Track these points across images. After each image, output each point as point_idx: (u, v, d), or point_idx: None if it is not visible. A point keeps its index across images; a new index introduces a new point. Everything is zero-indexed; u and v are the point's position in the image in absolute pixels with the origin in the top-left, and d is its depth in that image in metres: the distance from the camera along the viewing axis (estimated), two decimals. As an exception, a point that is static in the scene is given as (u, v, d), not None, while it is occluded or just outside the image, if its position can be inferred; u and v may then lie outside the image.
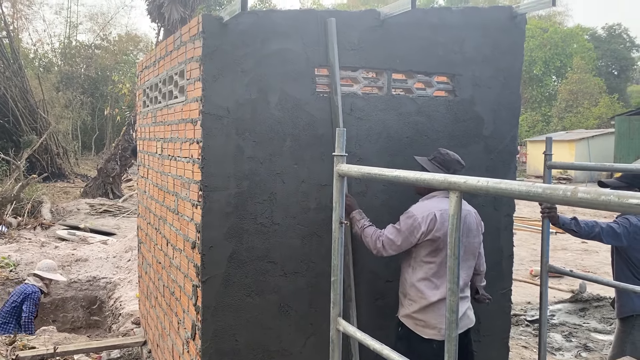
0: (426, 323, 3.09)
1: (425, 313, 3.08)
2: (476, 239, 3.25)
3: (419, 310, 3.10)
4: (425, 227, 3.02)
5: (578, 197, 1.39)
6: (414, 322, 3.14)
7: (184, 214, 3.59)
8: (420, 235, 3.04)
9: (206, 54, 3.10)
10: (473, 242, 3.22)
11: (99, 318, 7.84)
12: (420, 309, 3.09)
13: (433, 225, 3.02)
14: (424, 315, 3.09)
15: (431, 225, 3.02)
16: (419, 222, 3.04)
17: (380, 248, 3.12)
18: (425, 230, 3.03)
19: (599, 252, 10.49)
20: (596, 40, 44.85)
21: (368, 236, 3.18)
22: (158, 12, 19.00)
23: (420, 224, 3.03)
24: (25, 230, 11.72)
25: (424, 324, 3.10)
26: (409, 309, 3.16)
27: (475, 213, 3.29)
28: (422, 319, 3.10)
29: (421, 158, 3.32)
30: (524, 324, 6.50)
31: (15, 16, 30.10)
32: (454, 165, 3.25)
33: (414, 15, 3.49)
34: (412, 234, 3.05)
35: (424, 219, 3.04)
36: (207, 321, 3.22)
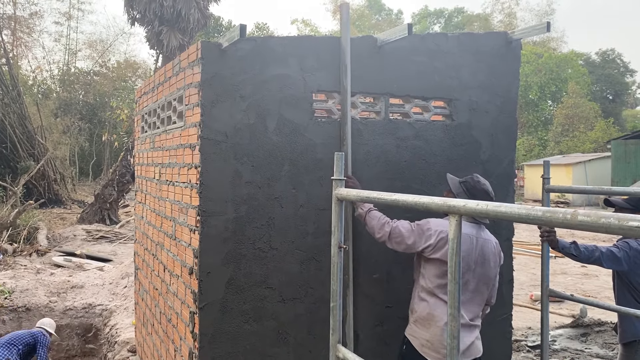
0: (432, 345, 3.02)
1: (433, 336, 3.01)
2: (493, 270, 3.15)
3: (425, 332, 3.04)
4: (435, 241, 2.98)
5: (578, 220, 1.39)
6: (419, 342, 3.07)
7: (181, 239, 3.56)
8: (427, 247, 2.99)
9: (205, 80, 3.12)
10: (488, 273, 3.14)
11: (94, 346, 7.72)
12: (426, 329, 3.03)
13: (443, 244, 2.96)
14: (430, 337, 3.02)
15: (441, 244, 2.97)
16: (431, 233, 3.00)
17: (386, 234, 3.04)
18: (434, 244, 2.98)
19: (599, 276, 10.43)
20: (590, 66, 45.39)
21: (375, 219, 3.10)
22: (157, 39, 19.21)
23: (431, 236, 2.99)
24: (21, 256, 11.63)
25: (429, 346, 3.02)
26: (415, 326, 3.10)
27: (496, 243, 3.20)
28: (429, 341, 3.03)
29: (453, 178, 3.27)
30: (525, 349, 6.42)
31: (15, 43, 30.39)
32: (481, 196, 3.13)
33: (410, 41, 3.53)
34: (420, 239, 3.00)
35: (436, 233, 2.99)
36: (204, 349, 3.17)
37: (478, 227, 3.14)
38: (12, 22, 29.27)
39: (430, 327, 3.03)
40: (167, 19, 18.81)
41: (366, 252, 3.44)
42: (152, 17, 18.93)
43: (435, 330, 3.01)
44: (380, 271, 3.51)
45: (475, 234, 3.09)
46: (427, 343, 3.04)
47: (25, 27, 32.35)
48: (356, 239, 3.36)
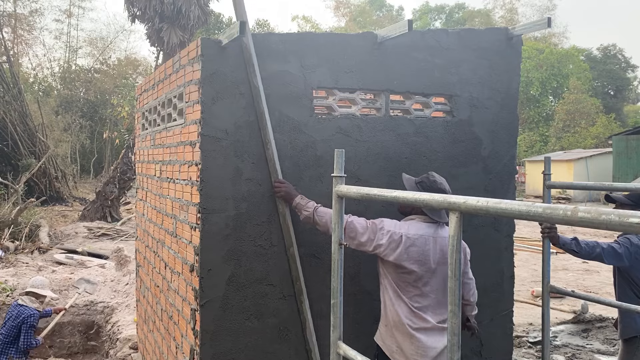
0: (402, 352, 2.94)
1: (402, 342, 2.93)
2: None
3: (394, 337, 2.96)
4: (387, 241, 2.88)
5: (578, 217, 1.38)
6: (389, 348, 2.98)
7: (182, 236, 3.57)
8: (378, 247, 2.88)
9: (205, 77, 3.12)
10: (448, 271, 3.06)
11: (96, 343, 7.73)
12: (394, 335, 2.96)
13: (395, 247, 2.88)
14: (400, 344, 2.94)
15: (393, 245, 2.88)
16: (383, 232, 2.90)
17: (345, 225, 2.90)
18: (385, 244, 2.88)
19: (600, 272, 10.42)
20: (592, 61, 45.32)
21: (326, 215, 2.99)
22: (157, 36, 19.18)
23: (384, 235, 2.89)
24: (22, 254, 11.64)
25: (400, 352, 2.94)
26: (383, 331, 3.02)
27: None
28: (400, 347, 2.94)
29: (409, 178, 3.16)
30: (527, 345, 6.42)
31: (16, 41, 30.39)
32: None
33: (411, 38, 3.52)
34: (374, 237, 2.90)
35: (388, 233, 2.90)
36: (205, 346, 3.17)
37: (436, 227, 3.01)
38: (12, 20, 29.27)
39: (399, 332, 2.94)
40: (168, 16, 18.77)
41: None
42: (153, 14, 18.89)
43: (404, 336, 2.92)
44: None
45: (433, 233, 2.97)
46: (397, 349, 2.96)
47: (25, 24, 32.38)
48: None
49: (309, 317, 3.31)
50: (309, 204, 3.08)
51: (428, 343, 2.91)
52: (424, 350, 2.90)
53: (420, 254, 2.92)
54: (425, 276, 2.93)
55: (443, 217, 3.02)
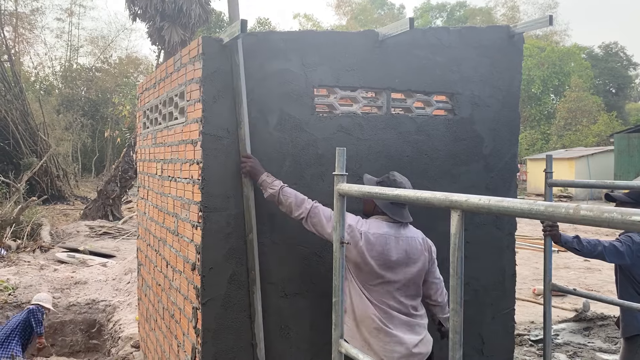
0: (370, 347, 2.90)
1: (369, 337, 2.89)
2: (415, 267, 2.96)
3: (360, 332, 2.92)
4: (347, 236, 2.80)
5: (581, 215, 1.38)
6: (358, 343, 2.93)
7: (183, 235, 3.57)
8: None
9: (206, 75, 3.12)
10: (415, 271, 2.96)
11: (98, 342, 7.74)
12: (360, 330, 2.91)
13: (355, 244, 2.86)
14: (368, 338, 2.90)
15: (352, 241, 2.86)
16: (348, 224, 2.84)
17: (305, 211, 2.93)
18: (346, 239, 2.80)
19: (602, 270, 10.42)
20: (593, 59, 45.24)
21: (291, 196, 2.96)
22: (158, 34, 19.17)
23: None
24: (24, 253, 11.66)
25: (368, 347, 2.90)
26: (350, 325, 2.96)
27: (423, 239, 3.04)
28: (367, 342, 2.90)
29: (370, 179, 3.10)
30: (528, 344, 6.42)
31: (17, 40, 30.38)
32: None
33: (412, 36, 3.52)
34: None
35: (350, 228, 2.86)
36: (207, 344, 3.18)
37: (399, 226, 2.98)
38: (13, 19, 29.27)
39: (366, 327, 2.91)
40: (169, 14, 18.76)
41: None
42: (154, 13, 18.88)
43: (371, 331, 2.90)
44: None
45: (395, 233, 2.94)
46: (365, 344, 2.92)
47: (26, 23, 32.37)
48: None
49: (258, 309, 3.22)
50: (275, 182, 3.03)
51: (395, 339, 2.88)
52: (392, 346, 2.88)
53: (380, 253, 2.89)
54: (386, 275, 2.90)
55: (406, 217, 3.00)
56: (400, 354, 2.88)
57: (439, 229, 3.25)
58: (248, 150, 3.16)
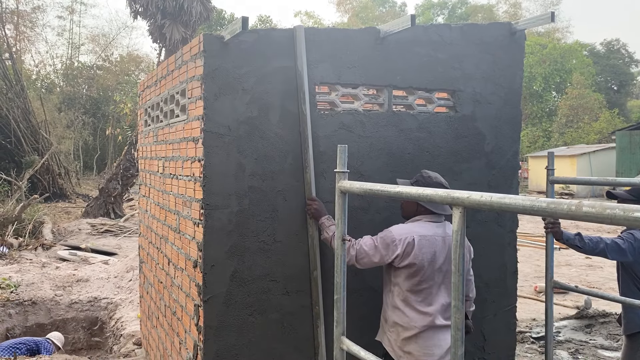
0: (410, 355, 2.93)
1: (408, 343, 2.94)
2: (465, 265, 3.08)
3: (402, 339, 2.96)
4: (402, 249, 2.90)
5: (583, 211, 1.38)
6: (396, 353, 2.99)
7: (185, 232, 3.57)
8: (396, 258, 2.91)
9: (207, 73, 3.11)
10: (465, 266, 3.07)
11: (100, 339, 7.76)
12: (403, 338, 2.95)
13: (410, 250, 2.90)
14: (407, 346, 2.94)
15: (408, 249, 2.90)
16: (395, 243, 2.92)
17: (352, 258, 2.97)
18: (402, 253, 2.90)
19: (604, 267, 10.41)
20: (595, 56, 45.14)
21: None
22: (159, 32, 19.18)
23: (397, 246, 2.91)
24: (26, 251, 11.68)
25: (407, 356, 2.94)
26: (391, 336, 3.03)
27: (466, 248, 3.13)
28: (407, 351, 2.94)
29: (404, 182, 3.17)
30: (530, 341, 6.42)
31: (18, 38, 30.40)
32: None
33: (413, 33, 3.51)
34: (387, 252, 2.93)
35: (401, 241, 2.91)
36: (209, 341, 3.18)
37: (442, 226, 3.04)
38: (15, 17, 29.27)
39: (407, 335, 2.94)
40: (170, 12, 18.77)
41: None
42: (155, 11, 18.89)
43: (409, 338, 2.93)
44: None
45: (442, 233, 3.00)
46: (404, 354, 2.96)
47: (28, 21, 32.37)
48: (362, 233, 3.34)
49: (322, 343, 3.30)
50: (331, 226, 3.13)
51: (434, 341, 2.92)
52: (431, 349, 2.91)
53: (432, 255, 2.94)
54: (435, 276, 2.95)
55: (447, 209, 3.03)
56: (438, 355, 2.92)
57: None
58: (313, 193, 3.27)
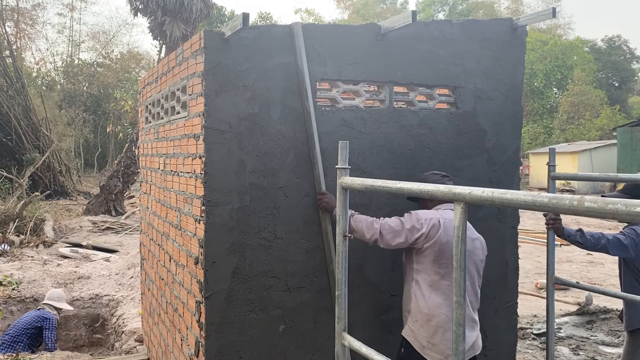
0: (434, 346, 2.92)
1: (434, 335, 2.92)
2: (477, 258, 3.07)
3: (426, 331, 2.94)
4: (427, 229, 2.90)
5: (585, 207, 1.37)
6: (420, 344, 2.97)
7: (186, 229, 3.57)
8: (420, 237, 2.90)
9: (208, 69, 3.11)
10: (476, 261, 3.05)
11: (101, 336, 7.77)
12: (427, 329, 2.93)
13: (435, 232, 2.90)
14: (432, 337, 2.92)
15: (433, 231, 2.90)
16: (421, 222, 2.92)
17: (376, 232, 2.94)
18: (426, 232, 2.89)
19: (605, 263, 10.41)
20: (596, 52, 45.05)
21: (361, 221, 3.00)
22: (160, 29, 19.16)
23: (423, 225, 2.91)
24: (27, 248, 11.69)
25: (431, 347, 2.93)
26: (414, 327, 3.00)
27: (481, 240, 3.14)
28: (431, 342, 2.93)
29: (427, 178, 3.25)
30: (531, 337, 6.43)
31: (18, 35, 30.36)
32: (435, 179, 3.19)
33: (414, 29, 3.50)
34: (412, 230, 2.91)
35: (427, 221, 2.93)
36: (210, 338, 3.18)
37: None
38: (15, 14, 29.24)
39: (431, 326, 2.92)
40: (170, 9, 18.75)
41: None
42: (155, 8, 18.87)
43: (437, 329, 2.91)
44: (386, 259, 3.50)
45: None
46: (428, 344, 2.93)
47: (28, 18, 32.33)
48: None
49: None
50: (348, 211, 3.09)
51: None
52: None
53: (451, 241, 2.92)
54: None
55: None
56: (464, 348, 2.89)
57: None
58: (323, 187, 3.27)
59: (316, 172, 3.29)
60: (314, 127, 3.27)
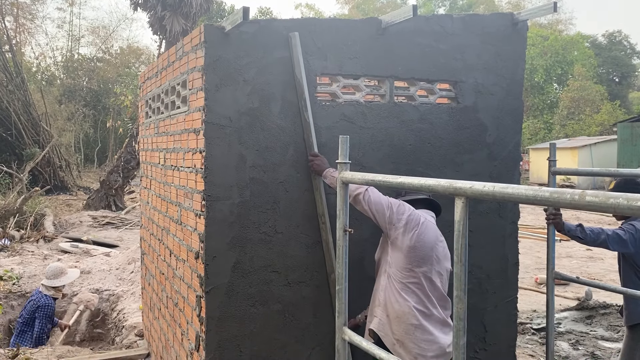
0: (403, 345, 2.88)
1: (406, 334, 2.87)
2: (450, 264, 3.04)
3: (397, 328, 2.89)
4: (406, 217, 2.88)
5: (586, 201, 1.37)
6: (390, 340, 2.92)
7: (187, 224, 3.57)
8: (399, 222, 2.87)
9: (208, 64, 3.10)
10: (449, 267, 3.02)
11: (102, 331, 7.79)
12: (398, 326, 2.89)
13: (412, 227, 2.88)
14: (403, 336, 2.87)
15: (411, 225, 2.88)
16: (405, 208, 2.92)
17: (362, 189, 2.92)
18: (405, 220, 2.87)
19: (604, 259, 10.42)
20: (597, 48, 44.94)
21: None
22: (159, 24, 19.10)
23: (405, 211, 2.90)
24: (28, 243, 11.70)
25: (401, 345, 2.88)
26: (385, 321, 2.94)
27: None
28: (400, 340, 2.88)
29: None
30: (530, 332, 6.44)
31: (18, 30, 30.31)
32: None
33: (415, 23, 3.50)
34: (393, 209, 2.90)
35: (412, 212, 2.92)
36: (211, 332, 3.19)
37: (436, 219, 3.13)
38: (14, 9, 29.18)
39: (402, 324, 2.88)
40: (170, 3, 18.68)
41: (370, 235, 3.44)
42: (155, 2, 18.80)
43: (407, 328, 2.87)
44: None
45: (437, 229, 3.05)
46: (397, 342, 2.90)
47: (27, 13, 32.29)
48: (362, 224, 3.34)
49: None
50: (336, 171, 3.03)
51: (432, 337, 2.87)
52: (427, 344, 2.85)
53: (433, 241, 2.94)
54: (433, 266, 2.92)
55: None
56: (434, 352, 2.86)
57: (443, 217, 3.25)
58: (315, 149, 3.25)
59: (307, 132, 3.24)
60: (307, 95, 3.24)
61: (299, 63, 3.23)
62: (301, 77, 3.23)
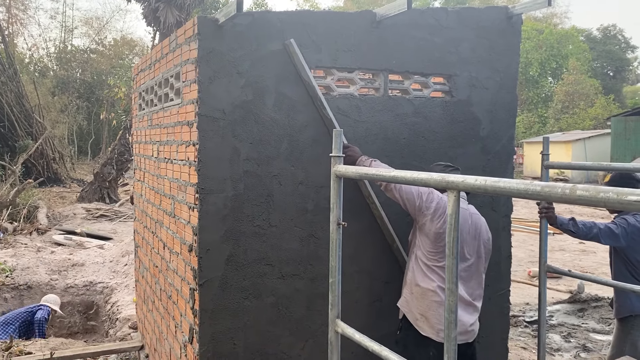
0: (427, 320, 3.02)
1: (428, 310, 3.01)
2: (487, 244, 3.19)
3: (421, 304, 3.04)
4: (436, 205, 2.99)
5: (577, 195, 1.38)
6: (414, 315, 3.08)
7: (180, 217, 3.57)
8: (429, 208, 2.99)
9: (202, 56, 3.09)
10: (483, 247, 3.16)
11: (95, 323, 7.80)
12: (421, 302, 3.03)
13: (442, 213, 2.98)
14: (426, 311, 3.02)
15: (440, 211, 2.99)
16: (434, 196, 3.02)
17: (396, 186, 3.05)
18: (435, 207, 2.99)
19: (597, 252, 10.49)
20: (591, 42, 45.02)
21: (381, 166, 3.12)
22: (153, 16, 18.96)
23: (435, 199, 3.01)
24: (21, 235, 11.66)
25: (424, 320, 3.03)
26: (410, 298, 3.11)
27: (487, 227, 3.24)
28: (424, 315, 3.03)
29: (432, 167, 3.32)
30: (523, 325, 6.49)
31: (10, 21, 30.04)
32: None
33: (410, 16, 3.49)
34: (423, 195, 3.01)
35: (441, 199, 3.02)
36: (204, 324, 3.19)
37: (466, 202, 3.20)
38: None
39: (425, 300, 3.02)
40: (164, -5, 18.54)
41: (367, 227, 3.45)
42: (149, -6, 18.66)
43: (430, 304, 3.00)
44: (380, 247, 3.52)
45: (466, 207, 3.14)
46: (421, 317, 3.04)
47: (20, 3, 31.99)
48: (358, 218, 3.35)
49: None
50: (368, 160, 3.18)
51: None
52: None
53: (461, 225, 2.99)
54: (461, 247, 2.99)
55: None
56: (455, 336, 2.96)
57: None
58: (336, 125, 3.28)
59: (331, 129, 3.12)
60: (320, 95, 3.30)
61: (303, 68, 3.23)
62: (310, 79, 3.24)
